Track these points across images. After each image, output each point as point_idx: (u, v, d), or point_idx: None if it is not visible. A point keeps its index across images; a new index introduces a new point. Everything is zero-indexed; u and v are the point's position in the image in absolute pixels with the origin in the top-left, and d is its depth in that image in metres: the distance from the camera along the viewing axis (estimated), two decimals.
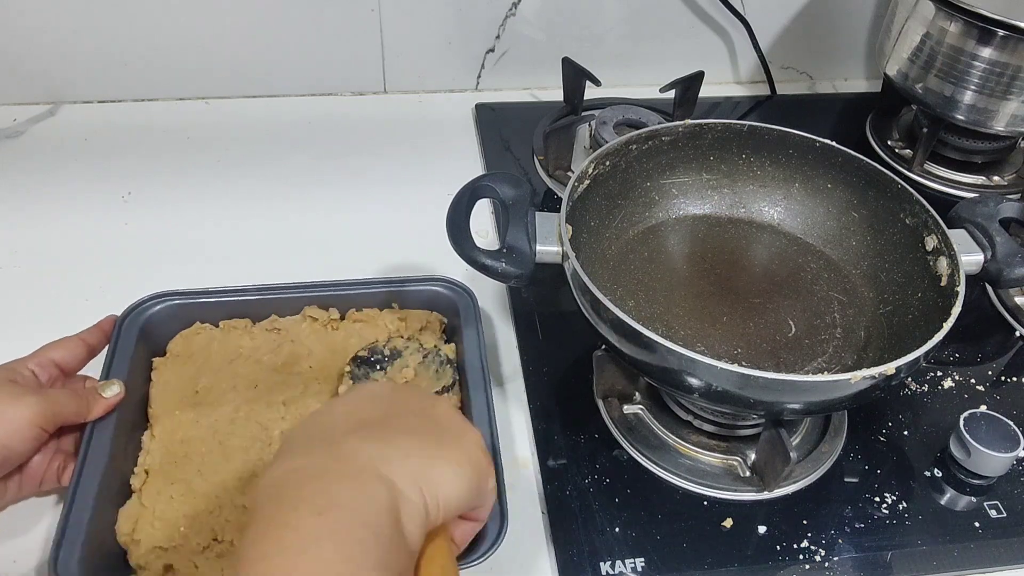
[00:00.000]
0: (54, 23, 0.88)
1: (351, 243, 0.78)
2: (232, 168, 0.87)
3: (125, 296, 0.72)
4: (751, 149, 0.69)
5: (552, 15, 0.96)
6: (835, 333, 0.62)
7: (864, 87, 1.08)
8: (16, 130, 0.90)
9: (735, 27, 1.00)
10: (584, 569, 0.55)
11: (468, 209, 0.59)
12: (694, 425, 0.62)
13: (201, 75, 0.94)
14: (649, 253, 0.68)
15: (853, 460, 0.62)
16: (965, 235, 0.61)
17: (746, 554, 0.56)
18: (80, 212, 0.80)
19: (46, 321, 0.69)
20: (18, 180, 0.83)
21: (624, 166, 0.66)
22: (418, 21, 0.94)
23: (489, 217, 0.82)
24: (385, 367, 0.61)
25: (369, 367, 0.61)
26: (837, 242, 0.68)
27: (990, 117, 0.83)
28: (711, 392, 0.51)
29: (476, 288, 0.74)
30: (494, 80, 1.00)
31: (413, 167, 0.89)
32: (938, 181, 0.92)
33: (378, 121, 0.95)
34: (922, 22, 0.84)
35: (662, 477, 0.60)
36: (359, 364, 0.61)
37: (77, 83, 0.93)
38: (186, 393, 0.60)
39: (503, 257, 0.57)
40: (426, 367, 0.62)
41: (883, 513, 0.59)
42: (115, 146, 0.89)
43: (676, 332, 0.62)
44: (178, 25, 0.90)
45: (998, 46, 0.78)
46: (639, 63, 1.00)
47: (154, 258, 0.76)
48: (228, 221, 0.80)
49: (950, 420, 0.63)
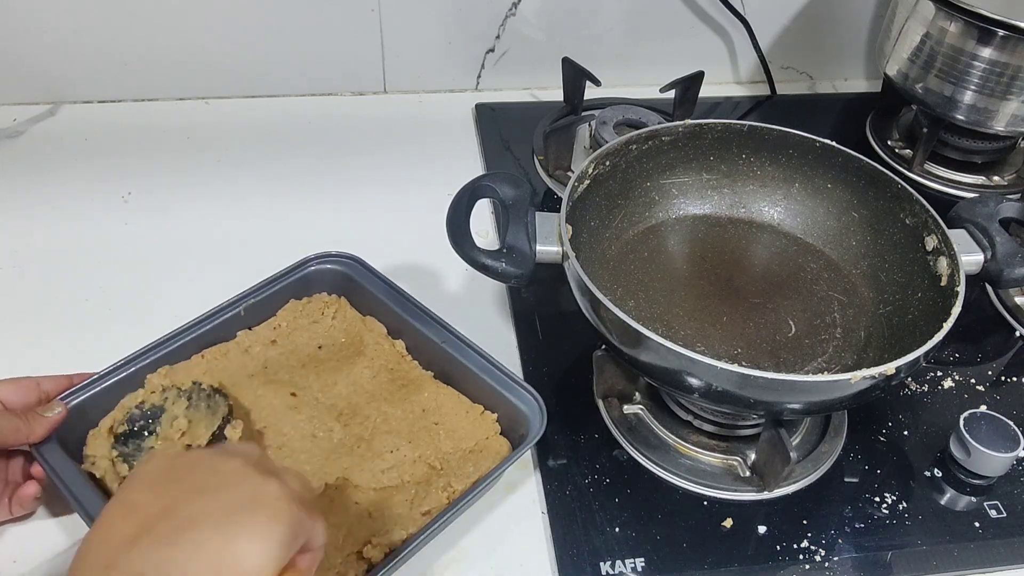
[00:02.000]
0: (54, 23, 0.88)
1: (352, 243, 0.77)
2: (232, 168, 0.87)
3: (125, 296, 0.72)
4: (751, 149, 0.69)
5: (552, 15, 0.96)
6: (835, 333, 0.62)
7: (864, 87, 1.08)
8: (16, 130, 0.90)
9: (735, 27, 1.00)
10: (584, 569, 0.55)
11: (468, 209, 0.59)
12: (694, 425, 0.62)
13: (201, 75, 0.94)
14: (649, 253, 0.68)
15: (853, 460, 0.62)
16: (965, 235, 0.61)
17: (746, 554, 0.56)
18: (80, 212, 0.80)
19: (46, 321, 0.70)
20: (18, 180, 0.83)
21: (624, 166, 0.66)
22: (418, 21, 0.94)
23: (489, 217, 0.82)
24: (154, 430, 0.56)
25: (136, 438, 0.55)
26: (837, 242, 0.68)
27: (990, 117, 0.83)
28: (711, 392, 0.51)
29: (476, 288, 0.74)
30: (494, 80, 1.01)
31: (413, 167, 0.89)
32: (938, 181, 0.92)
33: (378, 121, 0.95)
34: (922, 22, 0.84)
35: (662, 477, 0.60)
36: (124, 441, 0.55)
37: (77, 83, 0.93)
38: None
39: (503, 257, 0.57)
40: (196, 407, 0.57)
41: (883, 513, 0.59)
42: (115, 146, 0.89)
43: (676, 332, 0.62)
44: (178, 25, 0.90)
45: (998, 46, 0.78)
46: (639, 63, 1.00)
47: (154, 258, 0.76)
48: (228, 221, 0.80)
49: (950, 420, 0.63)
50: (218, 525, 0.36)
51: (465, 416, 0.60)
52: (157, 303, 0.71)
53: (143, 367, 0.60)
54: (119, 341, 0.61)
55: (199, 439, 0.55)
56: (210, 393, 0.58)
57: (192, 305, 0.64)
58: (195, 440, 0.55)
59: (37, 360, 0.66)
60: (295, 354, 0.64)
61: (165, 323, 0.62)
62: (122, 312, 0.71)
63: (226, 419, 0.57)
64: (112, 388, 0.59)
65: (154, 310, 0.69)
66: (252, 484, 0.38)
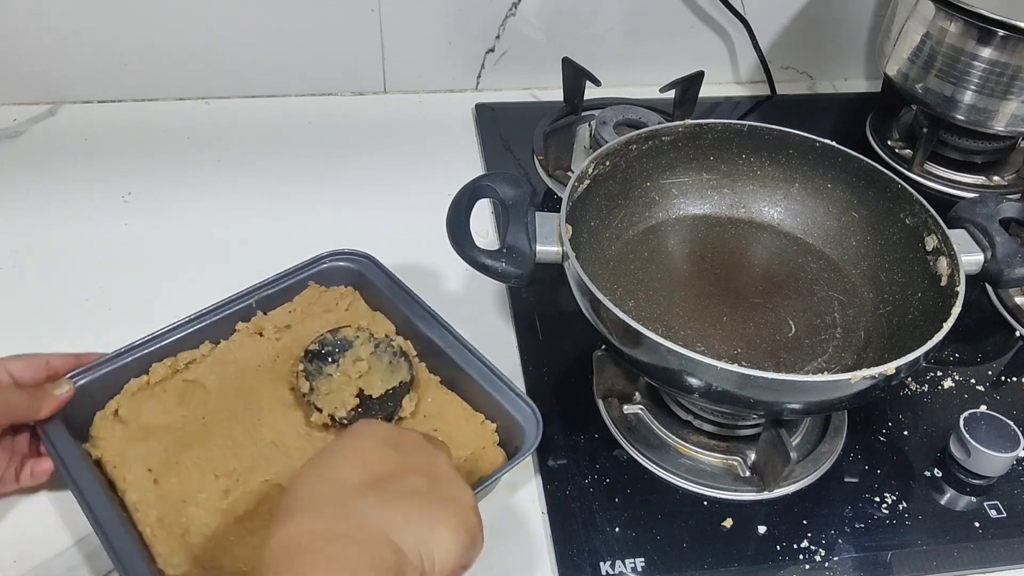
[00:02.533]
0: (54, 23, 0.88)
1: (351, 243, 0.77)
2: (232, 168, 0.87)
3: (125, 296, 0.72)
4: (751, 149, 0.69)
5: (552, 15, 0.96)
6: (835, 333, 0.62)
7: (864, 87, 1.08)
8: (16, 130, 0.90)
9: (735, 27, 1.00)
10: (584, 569, 0.55)
11: (468, 209, 0.59)
12: (694, 425, 0.62)
13: (201, 75, 0.94)
14: (649, 253, 0.68)
15: (853, 460, 0.62)
16: (965, 235, 0.61)
17: (746, 554, 0.56)
18: (80, 212, 0.80)
19: (46, 321, 0.70)
20: (18, 180, 0.83)
21: (624, 166, 0.66)
22: (418, 21, 0.94)
23: (489, 217, 0.82)
24: (337, 359, 0.60)
25: (321, 360, 0.60)
26: (837, 242, 0.68)
27: (990, 117, 0.83)
28: (711, 392, 0.51)
29: (476, 288, 0.74)
30: (494, 80, 1.01)
31: (413, 167, 0.89)
32: (938, 181, 0.92)
33: (378, 121, 0.95)
34: (922, 22, 0.84)
35: (662, 477, 0.60)
36: (311, 359, 0.60)
37: (77, 83, 0.93)
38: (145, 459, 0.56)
39: (503, 257, 0.57)
40: (378, 358, 0.61)
41: (883, 513, 0.59)
42: (115, 146, 0.89)
43: (676, 332, 0.62)
44: (178, 25, 0.90)
45: (998, 46, 0.78)
46: (639, 63, 1.00)
47: (154, 258, 0.76)
48: (228, 221, 0.80)
49: (950, 420, 0.63)
50: (430, 508, 0.43)
51: (465, 424, 0.60)
52: (157, 303, 0.71)
53: (151, 352, 0.61)
54: (119, 341, 0.61)
55: (372, 388, 0.58)
56: (396, 352, 0.60)
57: (192, 305, 0.64)
58: (368, 387, 0.58)
59: None
60: (303, 345, 0.64)
61: (165, 323, 0.62)
62: (122, 312, 0.71)
63: (404, 385, 0.59)
64: (119, 372, 0.60)
65: (154, 310, 0.69)
66: (456, 487, 0.46)
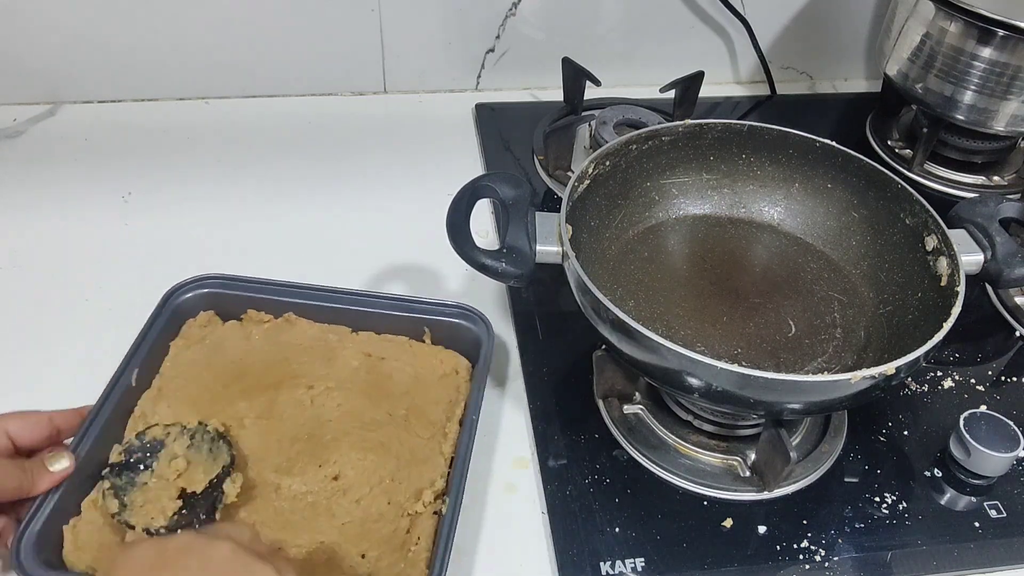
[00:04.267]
0: (54, 23, 0.88)
1: (351, 243, 0.78)
2: (232, 168, 0.87)
3: (125, 296, 0.72)
4: (751, 149, 0.69)
5: (552, 15, 0.96)
6: (835, 333, 0.62)
7: (864, 87, 1.08)
8: (16, 130, 0.90)
9: (735, 27, 1.00)
10: (584, 569, 0.55)
11: (468, 209, 0.59)
12: (694, 425, 0.62)
13: (201, 75, 0.94)
14: (649, 253, 0.68)
15: (853, 460, 0.62)
16: (965, 235, 0.61)
17: (746, 554, 0.56)
18: (80, 212, 0.80)
19: (46, 321, 0.70)
20: (18, 180, 0.83)
21: (624, 166, 0.66)
22: (418, 21, 0.94)
23: (489, 217, 0.82)
24: (150, 464, 0.53)
25: (132, 471, 0.53)
26: (837, 242, 0.68)
27: (990, 117, 0.83)
28: (711, 392, 0.51)
29: (476, 288, 0.74)
30: (494, 80, 1.01)
31: (413, 167, 0.89)
32: (938, 181, 0.92)
33: (378, 121, 0.95)
34: (922, 22, 0.84)
35: (662, 477, 0.60)
36: (118, 473, 0.52)
37: (77, 83, 0.93)
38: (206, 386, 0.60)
39: (503, 257, 0.57)
40: (197, 449, 0.54)
41: (883, 513, 0.59)
42: (115, 146, 0.89)
43: (676, 332, 0.62)
44: (178, 25, 0.90)
45: (998, 46, 0.78)
46: (639, 63, 1.01)
47: (154, 258, 0.76)
48: (228, 221, 0.80)
49: (950, 420, 0.63)
50: None
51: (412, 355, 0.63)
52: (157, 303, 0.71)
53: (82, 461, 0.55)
54: (119, 341, 0.61)
55: (195, 484, 0.52)
56: (214, 437, 0.55)
57: None
58: (191, 484, 0.52)
59: (37, 360, 0.66)
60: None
61: None
62: (122, 312, 0.70)
63: (227, 469, 0.53)
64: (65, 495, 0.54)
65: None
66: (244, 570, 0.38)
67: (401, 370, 0.63)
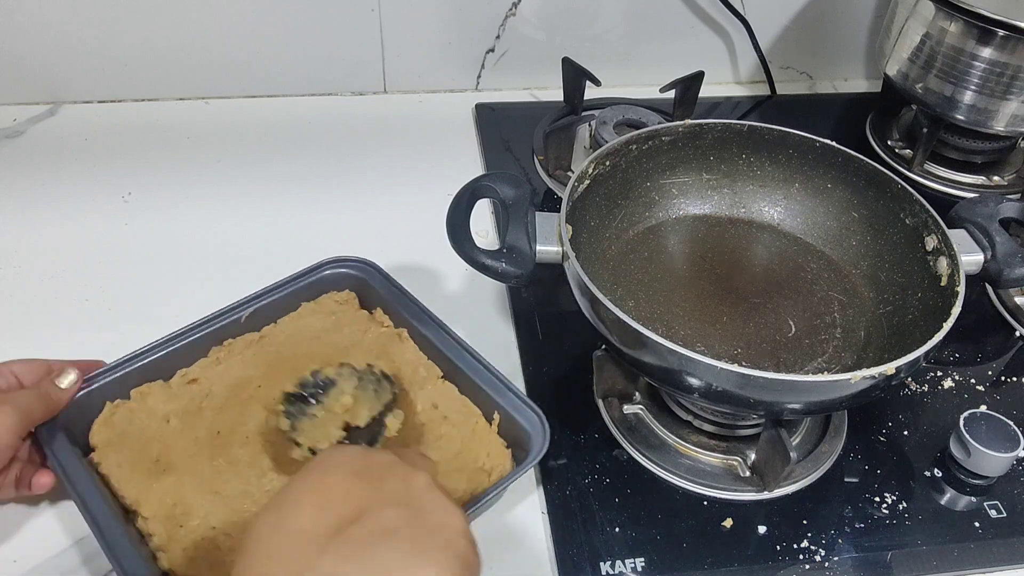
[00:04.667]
0: (54, 23, 0.88)
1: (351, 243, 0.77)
2: (232, 168, 0.87)
3: (125, 296, 0.72)
4: (751, 149, 0.69)
5: (552, 15, 0.96)
6: (835, 333, 0.62)
7: (864, 87, 1.08)
8: (16, 130, 0.90)
9: (735, 27, 1.00)
10: (584, 569, 0.55)
11: (468, 209, 0.59)
12: (694, 425, 0.62)
13: (201, 75, 0.94)
14: (649, 253, 0.68)
15: (853, 460, 0.62)
16: (965, 235, 0.61)
17: (746, 554, 0.56)
18: (80, 212, 0.80)
19: (47, 321, 0.70)
20: (18, 180, 0.83)
21: (624, 166, 0.66)
22: (418, 21, 0.94)
23: (489, 217, 0.82)
24: (321, 399, 0.56)
25: (303, 403, 0.56)
26: (837, 242, 0.68)
27: (990, 117, 0.83)
28: (711, 392, 0.51)
29: (476, 288, 0.74)
30: (494, 80, 1.01)
31: (413, 167, 0.89)
32: (938, 181, 0.92)
33: (378, 121, 0.95)
34: (922, 22, 0.84)
35: (662, 477, 0.60)
36: (292, 401, 0.56)
37: (77, 83, 0.93)
38: (146, 467, 0.57)
39: (503, 257, 0.57)
40: (363, 389, 0.57)
41: (883, 513, 0.59)
42: (115, 146, 0.89)
43: (676, 332, 0.62)
44: (178, 25, 0.90)
45: (998, 46, 0.78)
46: (639, 63, 1.01)
47: (154, 258, 0.76)
48: (228, 221, 0.80)
49: (950, 420, 0.63)
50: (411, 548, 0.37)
51: (465, 421, 0.60)
52: (157, 303, 0.71)
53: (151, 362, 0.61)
54: (119, 341, 0.61)
55: (359, 419, 0.56)
56: (379, 377, 0.59)
57: (192, 305, 0.64)
58: (355, 419, 0.56)
59: None
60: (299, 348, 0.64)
61: (166, 323, 0.62)
62: (122, 312, 0.71)
63: (388, 406, 0.57)
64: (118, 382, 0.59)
65: (154, 310, 0.69)
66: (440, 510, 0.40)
67: (449, 439, 0.60)
